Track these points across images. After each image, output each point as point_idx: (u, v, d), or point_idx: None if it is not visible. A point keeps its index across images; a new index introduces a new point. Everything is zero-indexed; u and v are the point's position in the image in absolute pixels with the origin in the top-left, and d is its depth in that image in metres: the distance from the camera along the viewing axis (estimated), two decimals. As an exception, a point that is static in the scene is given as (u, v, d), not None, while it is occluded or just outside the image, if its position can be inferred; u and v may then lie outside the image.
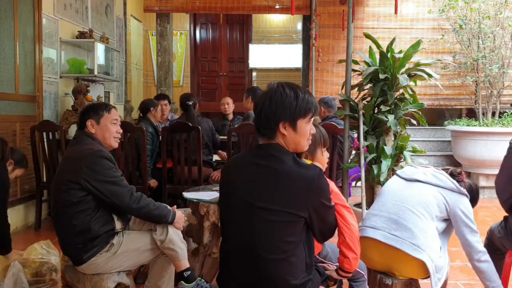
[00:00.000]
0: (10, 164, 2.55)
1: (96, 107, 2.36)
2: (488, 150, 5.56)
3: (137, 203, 2.19)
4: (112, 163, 2.23)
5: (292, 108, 1.60)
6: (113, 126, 2.36)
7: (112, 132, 2.35)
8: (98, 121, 2.32)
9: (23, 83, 4.30)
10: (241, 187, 1.63)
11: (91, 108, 2.36)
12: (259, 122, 1.65)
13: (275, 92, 1.62)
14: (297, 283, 1.58)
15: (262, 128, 1.65)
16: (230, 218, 1.68)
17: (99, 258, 2.17)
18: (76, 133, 2.37)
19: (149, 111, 4.50)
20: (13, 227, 4.10)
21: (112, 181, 2.17)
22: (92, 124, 2.31)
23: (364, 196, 3.22)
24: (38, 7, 4.47)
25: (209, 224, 2.68)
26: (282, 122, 1.60)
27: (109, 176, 2.17)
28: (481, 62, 5.90)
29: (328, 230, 1.69)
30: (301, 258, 1.60)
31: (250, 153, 1.69)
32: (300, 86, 1.67)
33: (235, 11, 6.96)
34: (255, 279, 1.60)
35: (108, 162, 2.19)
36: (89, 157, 2.16)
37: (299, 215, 1.57)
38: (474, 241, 2.17)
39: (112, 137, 2.36)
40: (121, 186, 2.19)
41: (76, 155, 2.21)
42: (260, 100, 1.65)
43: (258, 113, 1.66)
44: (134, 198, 2.19)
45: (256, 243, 1.58)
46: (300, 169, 1.58)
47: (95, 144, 2.26)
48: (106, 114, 2.34)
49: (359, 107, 3.35)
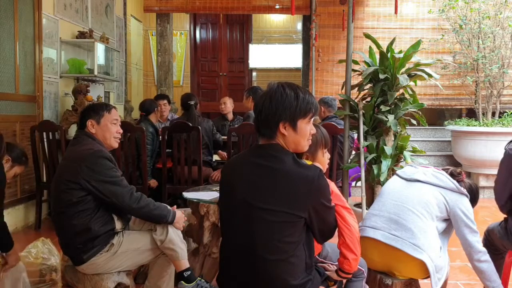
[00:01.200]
0: (7, 161, 2.47)
1: (96, 107, 2.36)
2: (488, 150, 5.56)
3: (137, 203, 2.19)
4: (112, 163, 2.23)
5: (292, 108, 1.60)
6: (113, 126, 2.35)
7: (112, 132, 2.35)
8: (98, 121, 2.31)
9: (23, 83, 4.30)
10: (241, 187, 1.63)
11: (91, 108, 2.36)
12: (259, 122, 1.65)
13: (275, 92, 1.62)
14: (297, 283, 1.58)
15: (262, 128, 1.65)
16: (230, 218, 1.67)
17: (99, 258, 2.17)
18: (76, 133, 2.37)
19: (153, 112, 4.51)
20: (13, 227, 4.11)
21: (112, 181, 2.16)
22: (92, 124, 2.31)
23: (364, 196, 3.22)
24: (38, 7, 4.47)
25: (209, 224, 2.68)
26: (282, 122, 1.60)
27: (109, 176, 2.16)
28: (481, 62, 5.90)
29: (328, 230, 1.69)
30: (301, 259, 1.60)
31: (250, 153, 1.69)
32: (300, 86, 1.67)
33: (235, 11, 6.96)
34: (255, 279, 1.60)
35: (108, 162, 2.19)
36: (89, 157, 2.16)
37: (299, 216, 1.56)
38: (474, 241, 2.17)
39: (112, 137, 2.35)
40: (121, 186, 2.19)
41: (76, 155, 2.21)
42: (260, 100, 1.65)
43: (258, 113, 1.65)
44: (134, 198, 2.19)
45: (256, 243, 1.57)
46: (300, 170, 1.58)
47: (95, 144, 2.26)
48: (106, 114, 2.34)
49: (359, 107, 3.35)
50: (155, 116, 4.54)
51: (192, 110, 4.51)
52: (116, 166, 2.26)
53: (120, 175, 2.24)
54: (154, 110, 4.51)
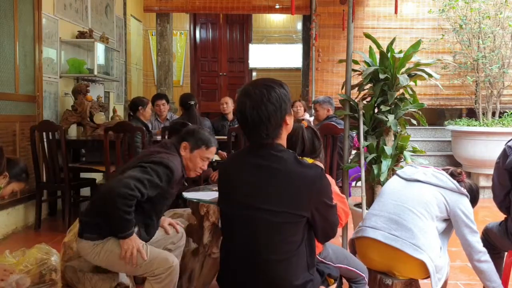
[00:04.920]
0: (4, 177, 2.33)
1: (199, 136, 2.33)
2: (488, 150, 5.55)
3: (121, 195, 1.99)
4: (170, 176, 2.15)
5: (287, 99, 1.61)
6: (201, 161, 2.34)
7: (197, 167, 2.34)
8: (192, 150, 2.31)
9: (23, 83, 4.30)
10: (242, 188, 1.62)
11: (195, 133, 2.34)
12: (268, 127, 1.57)
13: (271, 95, 1.57)
14: (298, 283, 1.57)
15: (271, 132, 1.58)
16: (231, 219, 1.67)
17: (88, 244, 2.09)
18: (173, 140, 2.35)
19: (138, 110, 4.51)
20: (13, 227, 4.12)
21: (145, 172, 2.08)
22: (185, 147, 2.30)
23: (364, 196, 3.21)
24: (38, 7, 4.47)
25: (209, 224, 2.67)
26: (287, 115, 1.60)
27: (149, 174, 2.09)
28: (481, 62, 5.89)
29: (330, 229, 1.69)
30: (302, 258, 1.60)
31: (250, 153, 1.66)
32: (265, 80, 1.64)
33: (235, 11, 6.96)
34: (256, 279, 1.59)
35: (166, 171, 2.13)
36: (158, 162, 2.13)
37: (302, 215, 1.56)
38: (474, 241, 2.17)
39: (193, 170, 2.35)
40: (139, 177, 2.05)
41: (150, 153, 2.20)
42: (255, 107, 1.56)
43: (262, 121, 1.56)
44: (123, 191, 1.99)
45: (257, 243, 1.57)
46: (302, 169, 1.57)
47: (176, 160, 2.22)
48: (203, 149, 2.32)
49: (359, 107, 3.35)
50: (143, 114, 4.53)
51: (193, 110, 4.51)
52: (173, 181, 2.19)
53: (158, 182, 2.11)
54: (139, 108, 4.51)
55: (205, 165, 2.37)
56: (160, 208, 2.30)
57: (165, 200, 2.28)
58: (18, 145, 4.18)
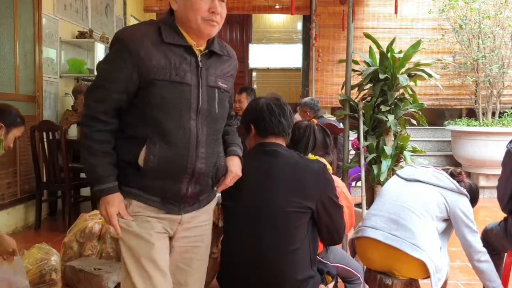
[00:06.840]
0: (0, 128, 2.25)
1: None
2: (488, 150, 5.55)
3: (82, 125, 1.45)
4: (125, 46, 1.43)
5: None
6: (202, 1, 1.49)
7: (200, 10, 1.49)
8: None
9: (23, 83, 4.30)
10: (245, 189, 1.65)
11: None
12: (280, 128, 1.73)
13: (279, 106, 1.78)
14: (301, 278, 1.61)
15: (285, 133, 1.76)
16: (237, 215, 1.69)
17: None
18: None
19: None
20: (13, 227, 4.12)
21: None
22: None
23: (364, 196, 3.21)
24: (38, 7, 4.47)
25: (209, 224, 2.67)
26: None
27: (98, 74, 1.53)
28: (481, 62, 5.89)
29: (335, 230, 1.72)
30: (305, 254, 1.64)
31: (255, 152, 1.73)
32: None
33: (235, 11, 6.96)
34: (259, 274, 1.62)
35: (116, 47, 1.46)
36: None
37: (307, 206, 1.60)
38: (474, 241, 2.17)
39: (200, 18, 1.49)
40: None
41: None
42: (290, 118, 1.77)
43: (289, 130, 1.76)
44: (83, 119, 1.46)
45: (262, 238, 1.60)
46: (306, 162, 1.69)
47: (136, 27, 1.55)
48: None
49: (359, 107, 3.35)
50: None
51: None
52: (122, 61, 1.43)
53: (111, 70, 1.44)
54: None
55: (217, 7, 1.53)
56: (174, 103, 1.44)
57: (175, 90, 1.45)
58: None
